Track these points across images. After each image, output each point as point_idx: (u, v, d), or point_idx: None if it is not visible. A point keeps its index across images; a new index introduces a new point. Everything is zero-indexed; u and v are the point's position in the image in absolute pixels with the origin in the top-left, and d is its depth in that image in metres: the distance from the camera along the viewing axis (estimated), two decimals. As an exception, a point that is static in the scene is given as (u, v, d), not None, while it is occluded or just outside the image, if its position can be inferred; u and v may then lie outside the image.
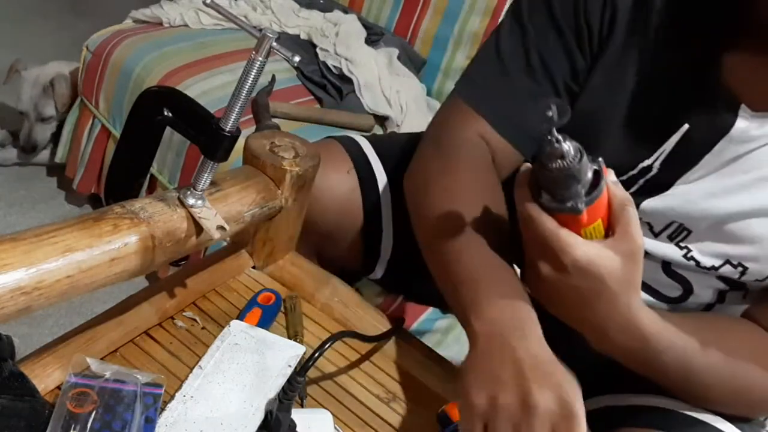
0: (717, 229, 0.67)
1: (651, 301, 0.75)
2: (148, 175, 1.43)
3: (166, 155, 1.47)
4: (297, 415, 0.57)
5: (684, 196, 0.68)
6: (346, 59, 1.55)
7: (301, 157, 0.71)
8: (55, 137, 1.80)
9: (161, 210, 0.57)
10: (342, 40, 1.59)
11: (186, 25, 1.62)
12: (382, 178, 0.88)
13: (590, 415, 0.78)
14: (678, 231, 0.70)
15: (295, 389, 0.55)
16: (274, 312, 0.71)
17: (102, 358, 0.62)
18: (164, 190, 1.51)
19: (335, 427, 0.60)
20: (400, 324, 0.72)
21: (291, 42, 1.61)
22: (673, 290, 0.73)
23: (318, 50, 1.59)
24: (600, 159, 0.51)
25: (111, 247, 0.51)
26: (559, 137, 0.48)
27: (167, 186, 1.50)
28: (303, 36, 1.64)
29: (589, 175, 0.51)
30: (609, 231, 0.53)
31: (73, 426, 0.51)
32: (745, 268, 0.68)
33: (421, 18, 1.72)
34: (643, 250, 0.52)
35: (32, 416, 0.52)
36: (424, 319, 1.16)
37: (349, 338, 0.69)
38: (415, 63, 1.71)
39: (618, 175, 0.67)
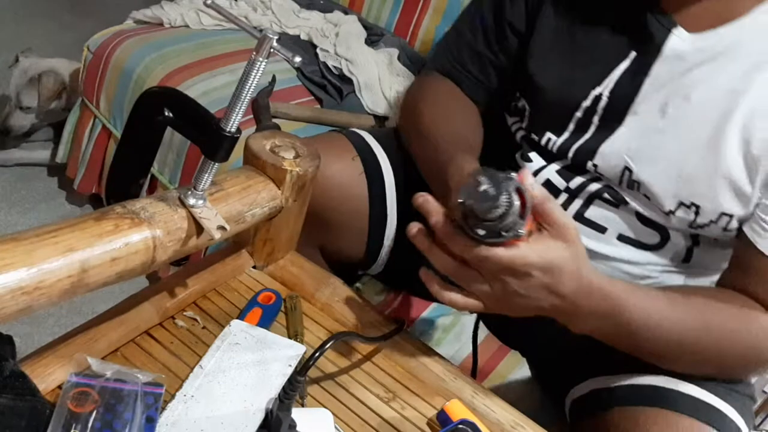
0: (666, 169, 0.70)
1: (634, 252, 0.77)
2: (149, 176, 1.43)
3: (167, 155, 1.47)
4: (297, 414, 0.57)
5: (634, 134, 0.72)
6: (346, 60, 1.55)
7: (302, 158, 0.71)
8: (56, 137, 1.80)
9: (162, 210, 0.57)
10: (342, 41, 1.59)
11: (187, 26, 1.62)
12: (386, 167, 0.89)
13: (580, 400, 0.79)
14: (631, 181, 0.73)
15: (295, 389, 0.56)
16: (275, 312, 0.71)
17: (103, 358, 0.62)
18: (165, 190, 1.51)
19: (335, 427, 0.61)
20: (401, 326, 0.72)
21: (291, 43, 1.61)
22: (652, 237, 0.76)
23: (318, 51, 1.59)
24: (514, 174, 0.55)
25: (112, 246, 0.51)
26: (494, 194, 0.53)
27: (168, 186, 1.50)
28: (303, 36, 1.64)
29: (517, 200, 0.54)
30: (539, 224, 0.58)
31: (74, 425, 0.52)
32: (698, 207, 0.70)
33: (421, 18, 1.72)
34: (575, 229, 0.57)
35: (33, 416, 0.52)
36: (425, 317, 1.17)
37: (350, 338, 0.69)
38: (415, 63, 1.71)
39: (576, 106, 0.76)
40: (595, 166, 0.75)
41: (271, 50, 0.52)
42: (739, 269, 0.70)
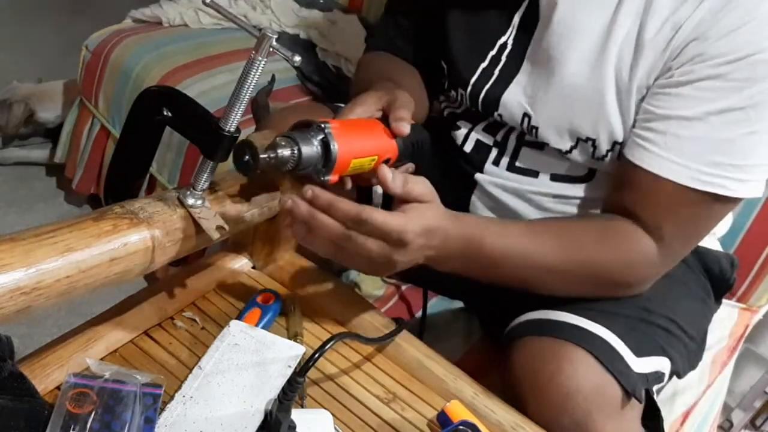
0: (558, 107, 0.73)
1: (570, 187, 0.80)
2: (148, 175, 1.43)
3: (166, 155, 1.47)
4: (297, 415, 0.57)
5: (529, 79, 0.76)
6: (346, 59, 1.55)
7: (301, 157, 0.71)
8: (54, 137, 1.80)
9: (161, 210, 0.57)
10: (342, 40, 1.59)
11: (185, 25, 1.62)
12: None
13: (506, 336, 0.78)
14: (530, 126, 0.77)
15: (294, 390, 0.55)
16: (274, 312, 0.71)
17: (101, 359, 0.62)
18: (164, 190, 1.51)
19: (335, 428, 0.60)
20: (401, 326, 0.72)
21: (291, 41, 1.61)
22: (579, 170, 0.79)
23: (318, 50, 1.59)
24: (325, 125, 0.60)
25: (110, 247, 0.51)
26: (272, 155, 0.58)
27: (167, 186, 1.50)
28: (303, 35, 1.63)
29: (317, 149, 0.60)
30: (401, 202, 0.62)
31: (72, 426, 0.51)
32: (594, 140, 0.73)
33: (421, 18, 1.72)
34: (431, 190, 0.62)
35: (32, 416, 0.51)
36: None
37: (350, 339, 0.69)
38: (414, 63, 1.71)
39: (482, 57, 0.80)
40: (500, 116, 0.79)
41: (271, 49, 0.52)
42: (618, 187, 0.72)
